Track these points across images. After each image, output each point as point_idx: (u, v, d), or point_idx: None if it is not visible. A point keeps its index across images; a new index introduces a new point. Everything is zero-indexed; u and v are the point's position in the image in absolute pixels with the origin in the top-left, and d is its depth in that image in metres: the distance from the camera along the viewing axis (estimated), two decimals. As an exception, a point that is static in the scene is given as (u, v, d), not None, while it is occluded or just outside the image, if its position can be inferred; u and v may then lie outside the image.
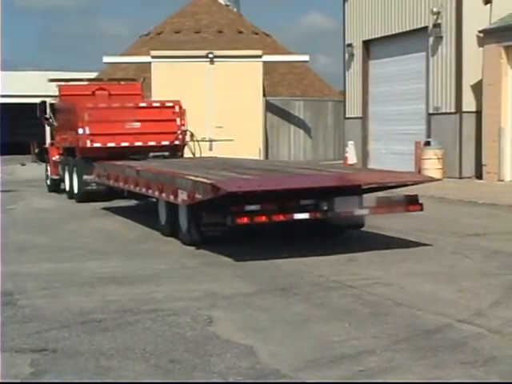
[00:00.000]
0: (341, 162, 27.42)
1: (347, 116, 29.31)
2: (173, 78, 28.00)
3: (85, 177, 19.64)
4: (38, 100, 25.00)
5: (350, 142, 27.26)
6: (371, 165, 26.65)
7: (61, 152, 22.53)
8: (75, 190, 20.49)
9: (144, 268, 10.80)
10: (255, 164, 16.19)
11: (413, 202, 11.73)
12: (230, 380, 5.93)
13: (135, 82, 25.00)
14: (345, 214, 11.53)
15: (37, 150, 39.91)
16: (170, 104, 20.71)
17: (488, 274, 9.78)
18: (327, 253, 11.32)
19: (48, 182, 24.42)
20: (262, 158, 28.03)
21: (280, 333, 7.35)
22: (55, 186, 23.41)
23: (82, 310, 8.29)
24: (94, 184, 19.24)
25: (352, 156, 26.61)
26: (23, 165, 39.04)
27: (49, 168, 24.23)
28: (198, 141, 21.53)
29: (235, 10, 46.40)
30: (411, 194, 11.88)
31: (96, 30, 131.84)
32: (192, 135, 21.15)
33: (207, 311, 8.12)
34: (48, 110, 23.92)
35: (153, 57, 30.98)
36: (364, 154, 27.75)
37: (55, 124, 23.49)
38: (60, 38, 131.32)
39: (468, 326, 7.36)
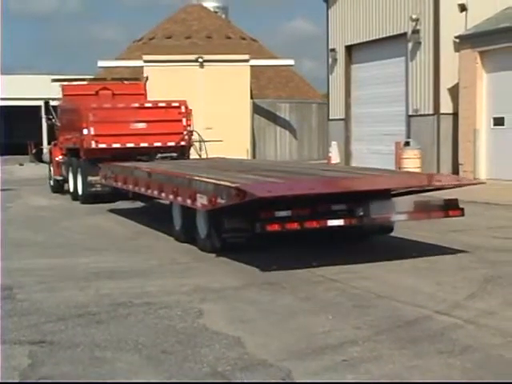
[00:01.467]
0: (325, 161, 27.43)
1: (331, 117, 29.33)
2: (164, 82, 27.87)
3: (89, 178, 18.64)
4: (34, 103, 24.72)
5: (334, 143, 27.30)
6: (354, 164, 26.66)
7: (64, 152, 21.47)
8: (79, 192, 19.51)
9: (137, 263, 10.78)
10: (270, 166, 15.07)
11: (452, 206, 10.52)
12: (220, 369, 5.92)
13: (139, 82, 23.95)
14: (381, 220, 10.53)
15: (34, 151, 39.97)
16: (176, 104, 19.72)
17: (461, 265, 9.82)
18: (313, 247, 11.33)
19: (51, 182, 23.24)
20: (249, 158, 28.04)
21: (267, 325, 7.35)
22: (58, 187, 22.39)
23: (77, 303, 8.27)
24: (98, 185, 18.24)
25: (335, 156, 26.66)
26: (21, 165, 38.91)
27: (52, 168, 22.97)
28: (204, 141, 20.64)
29: (224, 16, 46.35)
30: (451, 197, 10.68)
31: (90, 36, 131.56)
32: (199, 136, 20.24)
33: (197, 304, 8.11)
34: (51, 110, 22.86)
35: (145, 61, 30.96)
36: (347, 154, 27.79)
37: (58, 124, 22.27)
38: (55, 43, 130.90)
39: (444, 317, 7.40)
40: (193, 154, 20.55)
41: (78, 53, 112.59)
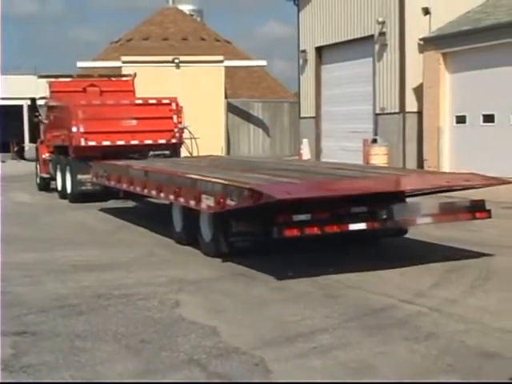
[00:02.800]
0: (296, 157, 27.47)
1: (302, 116, 29.36)
2: (142, 82, 27.68)
3: (79, 176, 17.52)
4: (17, 102, 24.04)
5: (305, 140, 27.35)
6: (324, 160, 26.70)
7: (51, 150, 20.21)
8: (68, 190, 18.28)
9: (116, 256, 10.74)
10: (275, 164, 13.88)
11: (479, 208, 9.54)
12: (196, 357, 5.92)
13: (127, 78, 22.55)
14: (405, 223, 9.61)
15: (16, 149, 39.60)
16: (167, 101, 18.74)
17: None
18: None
19: (38, 180, 21.93)
20: (224, 154, 28.01)
21: (241, 314, 7.36)
22: (45, 185, 21.22)
23: (58, 295, 8.23)
24: (88, 184, 17.16)
25: (306, 152, 26.71)
26: (3, 162, 38.55)
27: (38, 166, 21.65)
28: (195, 138, 19.47)
29: (199, 19, 46.27)
30: (477, 199, 9.74)
31: (70, 37, 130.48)
32: (190, 133, 19.19)
33: (174, 295, 8.11)
34: (38, 108, 21.74)
35: (123, 62, 30.81)
36: (317, 151, 27.84)
37: (45, 121, 20.91)
38: (37, 44, 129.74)
39: (410, 306, 7.45)
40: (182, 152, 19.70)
41: (58, 54, 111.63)
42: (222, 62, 31.62)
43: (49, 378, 5.57)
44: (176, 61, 30.91)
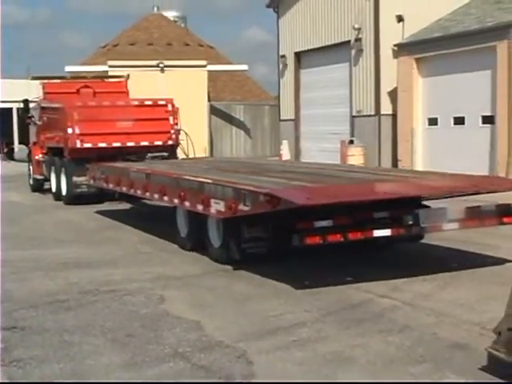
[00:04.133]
0: (277, 158, 27.48)
1: (282, 118, 29.37)
2: (128, 85, 27.55)
3: (75, 178, 16.65)
4: (7, 105, 23.31)
5: (285, 141, 27.40)
6: (303, 161, 26.73)
7: (45, 151, 19.33)
8: (63, 192, 17.42)
9: (103, 254, 10.70)
10: (282, 167, 12.95)
11: (506, 212, 8.71)
12: (180, 350, 5.92)
13: (120, 80, 21.60)
14: (431, 229, 8.74)
15: (6, 150, 39.28)
16: (163, 102, 17.95)
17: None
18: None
19: (31, 181, 21.04)
20: (207, 155, 27.96)
21: (224, 309, 7.37)
22: (38, 186, 20.34)
23: (47, 291, 8.20)
24: (84, 186, 16.36)
25: (286, 153, 26.77)
26: None
27: (31, 167, 20.78)
28: (191, 140, 18.88)
29: (183, 25, 46.11)
30: (504, 203, 8.86)
31: (58, 42, 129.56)
32: (186, 134, 18.47)
33: (159, 291, 8.09)
34: (30, 109, 20.92)
35: (110, 66, 30.67)
36: (297, 151, 27.87)
37: (38, 123, 19.88)
38: (24, 50, 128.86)
39: (385, 300, 7.48)
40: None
41: (46, 59, 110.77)
42: (205, 66, 31.57)
43: (38, 371, 5.55)
44: (161, 65, 30.82)
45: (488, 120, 18.81)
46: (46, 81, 20.99)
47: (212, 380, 5.19)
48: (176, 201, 10.36)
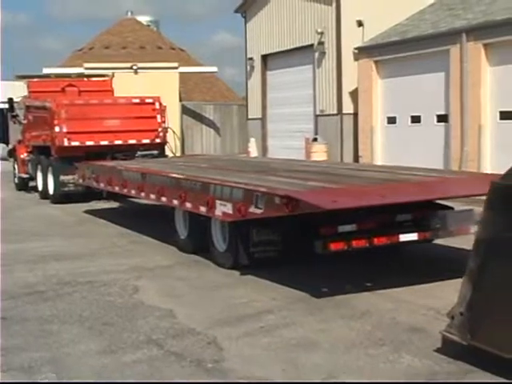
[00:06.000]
0: (245, 155, 27.48)
1: (249, 117, 29.36)
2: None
3: (62, 177, 15.87)
4: None
5: (252, 139, 27.40)
6: (273, 157, 26.73)
7: (30, 150, 18.48)
8: (50, 191, 16.58)
9: (80, 247, 10.62)
10: (288, 166, 11.44)
11: None
12: (154, 337, 5.90)
13: (105, 78, 20.72)
14: (458, 232, 7.80)
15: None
16: (150, 100, 17.20)
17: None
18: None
19: (16, 180, 20.10)
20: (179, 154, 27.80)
21: (195, 298, 7.36)
22: (23, 185, 19.44)
23: (27, 283, 8.12)
24: (71, 185, 15.65)
25: (254, 150, 26.79)
26: None
27: (16, 166, 19.84)
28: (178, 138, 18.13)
29: (155, 29, 45.84)
30: None
31: (35, 46, 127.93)
32: (174, 133, 17.81)
33: (134, 281, 8.07)
34: (15, 108, 19.75)
35: (86, 68, 30.40)
36: (264, 149, 27.89)
37: (24, 122, 18.95)
38: (6, 53, 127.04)
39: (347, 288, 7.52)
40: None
41: (26, 61, 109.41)
42: (176, 68, 31.41)
43: (19, 358, 5.49)
44: (134, 67, 30.60)
45: (442, 118, 19.00)
46: (30, 79, 20.18)
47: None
48: (175, 202, 9.35)
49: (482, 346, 4.92)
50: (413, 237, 7.49)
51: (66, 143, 16.05)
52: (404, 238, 7.43)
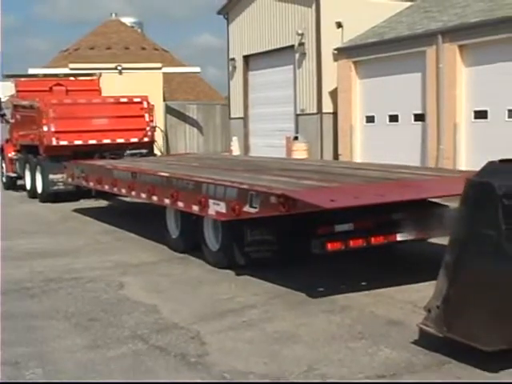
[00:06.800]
0: (227, 153, 27.46)
1: (231, 117, 29.34)
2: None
3: (51, 176, 15.63)
4: None
5: (234, 138, 27.40)
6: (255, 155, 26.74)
7: (17, 149, 18.17)
8: (39, 190, 16.35)
9: (65, 244, 10.57)
10: (281, 164, 11.24)
11: None
12: (139, 332, 5.89)
13: (93, 78, 20.59)
14: None
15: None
16: (138, 99, 17.02)
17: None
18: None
19: (3, 179, 19.81)
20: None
21: (179, 293, 7.35)
22: (11, 184, 19.21)
23: (13, 280, 8.07)
24: (60, 184, 15.43)
25: (236, 149, 26.78)
26: None
27: (4, 165, 19.53)
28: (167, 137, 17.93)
29: (139, 30, 45.63)
30: None
31: (21, 46, 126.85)
32: (162, 132, 17.17)
33: (119, 278, 8.04)
34: (2, 107, 19.46)
35: (71, 69, 30.19)
36: (246, 147, 27.89)
37: (11, 121, 18.61)
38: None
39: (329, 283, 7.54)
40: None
41: (11, 62, 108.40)
42: (160, 68, 31.29)
43: (6, 354, 5.45)
44: (119, 68, 30.43)
45: (419, 118, 19.09)
46: (18, 79, 19.84)
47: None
48: (167, 201, 9.07)
49: (458, 338, 4.96)
50: (410, 236, 7.33)
51: (54, 142, 15.85)
52: (401, 237, 7.26)
